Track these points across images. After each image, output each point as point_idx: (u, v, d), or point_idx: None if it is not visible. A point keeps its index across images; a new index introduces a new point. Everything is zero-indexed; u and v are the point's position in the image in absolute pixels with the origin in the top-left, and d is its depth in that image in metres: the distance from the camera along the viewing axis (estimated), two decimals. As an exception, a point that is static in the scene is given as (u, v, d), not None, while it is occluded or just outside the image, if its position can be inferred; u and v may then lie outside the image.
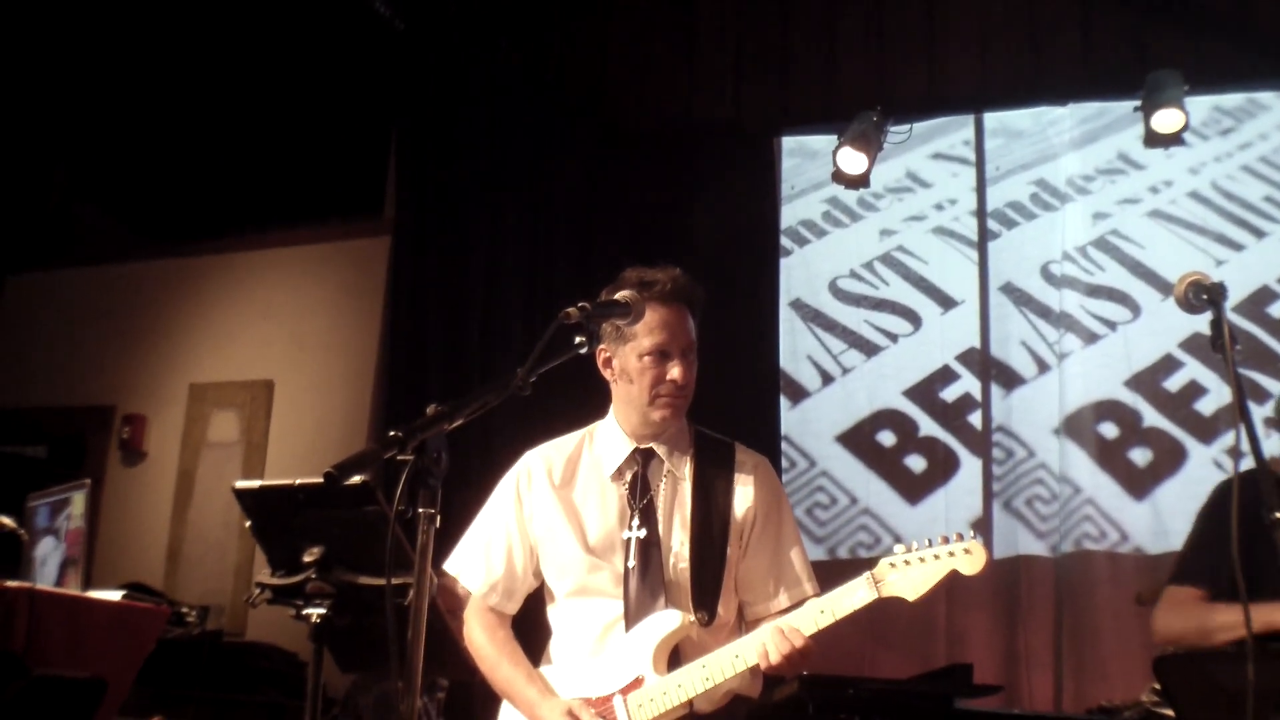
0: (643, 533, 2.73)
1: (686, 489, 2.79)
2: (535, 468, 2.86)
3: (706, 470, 2.81)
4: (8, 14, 6.51)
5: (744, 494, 2.80)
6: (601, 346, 2.74)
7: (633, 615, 2.68)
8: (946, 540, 2.52)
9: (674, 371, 2.72)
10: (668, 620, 2.64)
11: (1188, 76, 5.45)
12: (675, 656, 2.66)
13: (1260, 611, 3.17)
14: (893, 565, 2.53)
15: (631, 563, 2.71)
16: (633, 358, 2.73)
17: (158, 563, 6.62)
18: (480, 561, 2.84)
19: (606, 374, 2.82)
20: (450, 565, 2.86)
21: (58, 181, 7.92)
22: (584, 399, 3.07)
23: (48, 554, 4.46)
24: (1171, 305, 2.55)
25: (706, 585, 2.72)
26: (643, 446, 2.81)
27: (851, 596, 2.54)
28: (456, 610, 2.89)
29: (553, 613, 2.84)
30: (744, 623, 2.82)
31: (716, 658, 2.59)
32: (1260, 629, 3.14)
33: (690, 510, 2.76)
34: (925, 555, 2.51)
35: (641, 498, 2.77)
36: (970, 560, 2.51)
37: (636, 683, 2.63)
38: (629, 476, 2.80)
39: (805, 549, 2.87)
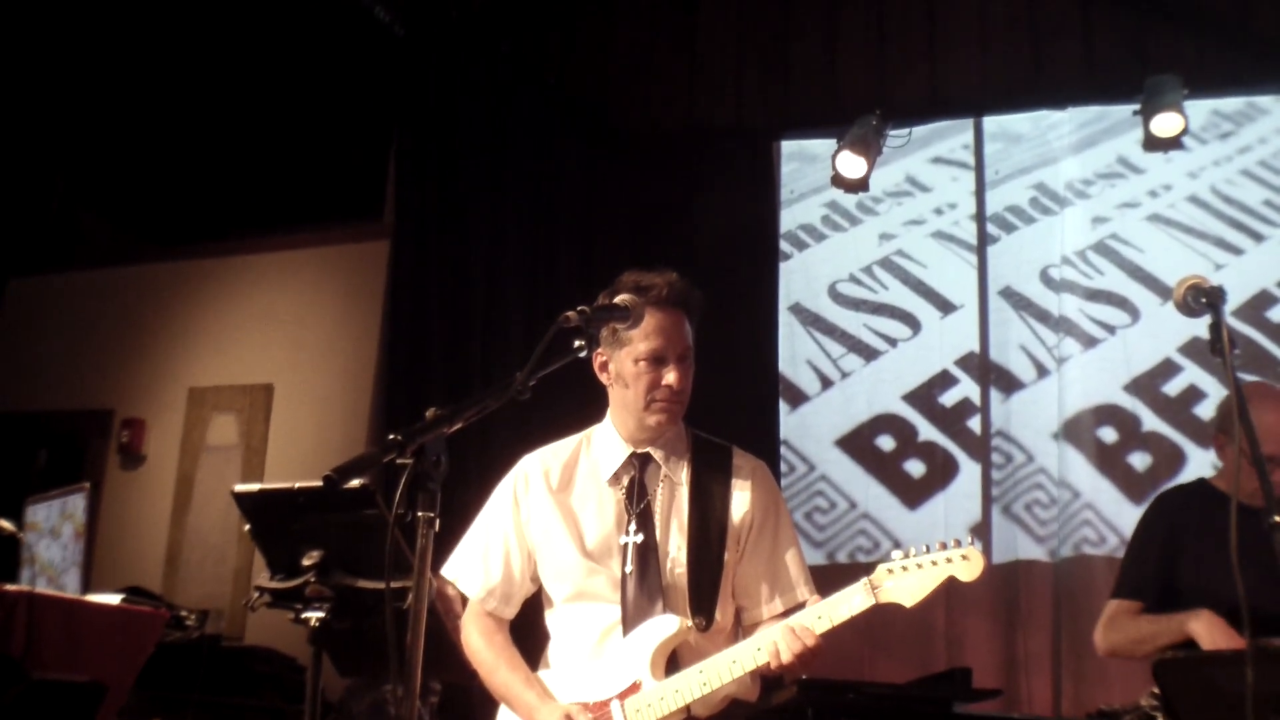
0: (640, 537, 2.73)
1: (684, 493, 2.78)
2: (533, 472, 2.86)
3: (704, 474, 2.80)
4: (8, 20, 6.51)
5: (741, 498, 2.80)
6: (598, 351, 2.73)
7: (630, 620, 2.68)
8: (944, 546, 2.53)
9: (669, 377, 2.72)
10: (665, 625, 2.64)
11: (1187, 80, 5.45)
12: (673, 661, 2.66)
13: (1173, 621, 3.23)
14: (890, 571, 2.53)
15: (629, 567, 2.71)
16: (628, 363, 2.73)
17: (157, 566, 6.62)
18: (478, 566, 2.84)
19: (603, 378, 2.81)
20: (448, 570, 2.86)
21: (59, 186, 7.92)
22: (583, 403, 3.07)
23: (52, 558, 4.47)
24: (1171, 309, 2.55)
25: (704, 590, 2.71)
26: (640, 451, 2.81)
27: (849, 602, 2.54)
28: (452, 613, 2.89)
29: (550, 618, 2.84)
30: (741, 627, 2.82)
31: (714, 663, 2.59)
32: (1175, 639, 3.21)
33: (688, 515, 2.76)
34: (922, 561, 2.52)
35: (639, 502, 2.77)
36: (968, 566, 2.51)
37: (634, 688, 2.63)
38: (626, 481, 2.79)
39: (803, 553, 2.87)
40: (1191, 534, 3.38)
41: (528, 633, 2.90)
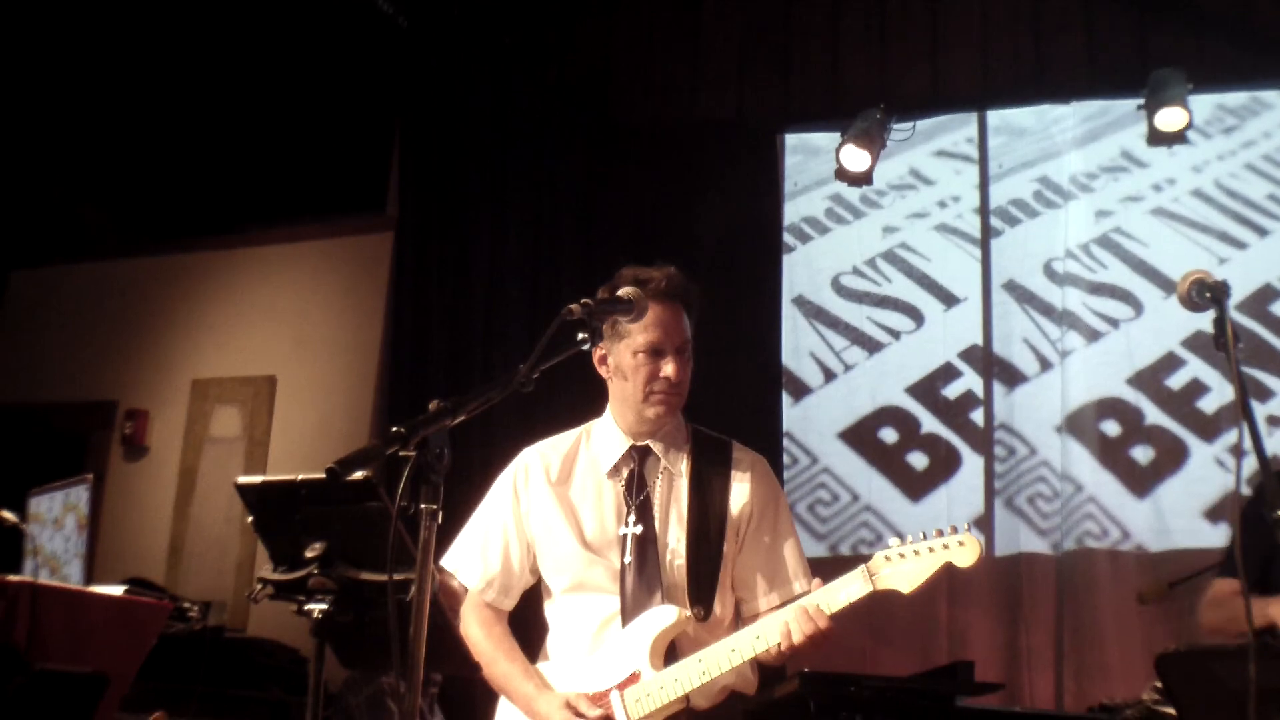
0: (639, 529, 2.74)
1: (683, 486, 2.80)
2: (533, 465, 2.87)
3: (703, 468, 2.82)
4: (8, 14, 6.50)
5: (740, 491, 2.81)
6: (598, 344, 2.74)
7: (629, 611, 2.69)
8: (941, 533, 2.55)
9: (668, 369, 2.73)
10: (664, 616, 2.65)
11: (1191, 75, 5.44)
12: (672, 652, 2.67)
13: (1258, 605, 3.23)
14: (887, 558, 2.55)
15: (628, 559, 2.72)
16: (627, 355, 2.74)
17: (160, 558, 6.63)
18: (477, 558, 2.85)
19: (602, 371, 2.83)
20: (447, 561, 2.87)
21: (61, 177, 7.92)
22: (586, 396, 3.07)
23: (54, 549, 4.47)
24: (1174, 303, 2.55)
25: (703, 581, 2.73)
26: (639, 444, 2.82)
27: (846, 589, 2.56)
28: (454, 606, 2.89)
29: (550, 609, 2.85)
30: (740, 619, 2.83)
31: (713, 652, 2.60)
32: (1259, 624, 3.21)
33: (687, 507, 2.77)
34: (920, 548, 2.53)
35: (638, 494, 2.78)
36: (965, 552, 2.52)
37: (633, 678, 2.64)
38: (625, 473, 2.81)
39: (801, 546, 2.88)
40: None
41: (527, 624, 2.90)
